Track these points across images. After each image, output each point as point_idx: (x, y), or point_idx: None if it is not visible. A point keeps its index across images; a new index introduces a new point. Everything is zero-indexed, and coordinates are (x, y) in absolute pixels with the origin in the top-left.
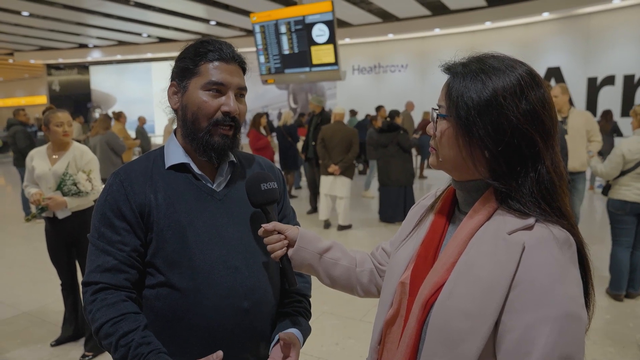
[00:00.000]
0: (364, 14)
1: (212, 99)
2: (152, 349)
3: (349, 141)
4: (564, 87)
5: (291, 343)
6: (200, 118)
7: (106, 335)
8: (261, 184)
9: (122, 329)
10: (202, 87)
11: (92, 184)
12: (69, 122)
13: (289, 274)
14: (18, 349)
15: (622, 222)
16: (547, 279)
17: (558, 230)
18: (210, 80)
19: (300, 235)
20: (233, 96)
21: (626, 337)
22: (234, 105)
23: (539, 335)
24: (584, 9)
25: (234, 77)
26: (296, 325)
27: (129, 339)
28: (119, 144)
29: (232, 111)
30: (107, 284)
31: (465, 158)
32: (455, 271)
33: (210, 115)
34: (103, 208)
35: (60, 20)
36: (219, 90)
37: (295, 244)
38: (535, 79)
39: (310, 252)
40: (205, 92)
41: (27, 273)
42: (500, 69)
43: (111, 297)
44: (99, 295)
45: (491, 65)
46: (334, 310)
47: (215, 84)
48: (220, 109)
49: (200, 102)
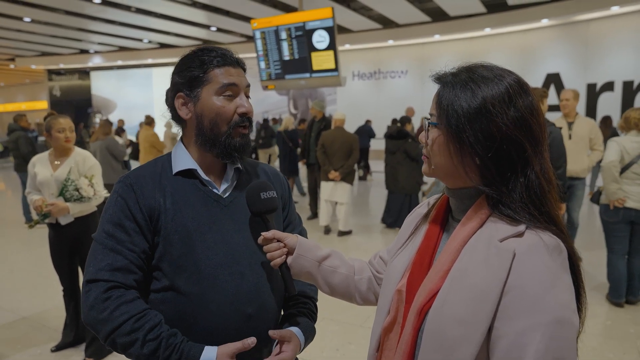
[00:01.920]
0: (364, 20)
1: (228, 103)
2: (182, 339)
3: (349, 147)
4: (576, 93)
5: (284, 340)
6: (220, 123)
7: (130, 332)
8: (261, 192)
9: (148, 323)
10: (217, 92)
11: (95, 189)
12: (71, 127)
13: (288, 282)
14: (18, 354)
15: (616, 229)
16: (538, 286)
17: (548, 237)
18: (224, 83)
19: (299, 243)
20: (244, 96)
21: (626, 343)
22: (249, 105)
23: (531, 341)
24: (582, 16)
25: (242, 78)
26: (297, 324)
27: (157, 332)
28: (119, 149)
29: (249, 111)
30: (119, 283)
31: (457, 165)
32: (449, 278)
33: (229, 119)
34: (114, 208)
35: (61, 26)
36: (232, 92)
37: (294, 252)
38: (524, 87)
39: (309, 259)
40: (220, 97)
41: (27, 278)
42: (489, 78)
43: (127, 294)
44: (112, 292)
45: (480, 75)
46: (334, 316)
47: (229, 86)
48: (236, 112)
49: (218, 108)
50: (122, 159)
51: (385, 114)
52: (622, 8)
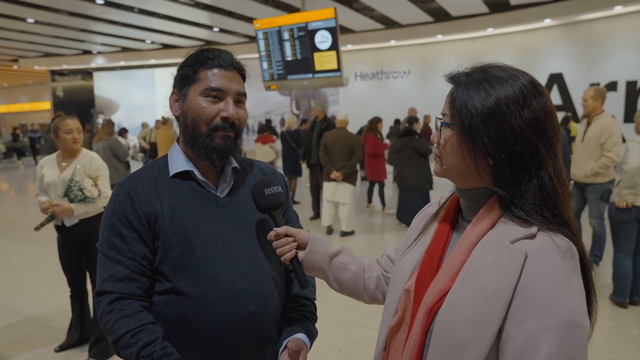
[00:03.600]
0: (367, 21)
1: (211, 105)
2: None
3: (351, 147)
4: (598, 91)
5: (299, 350)
6: (200, 123)
7: (126, 346)
8: (265, 189)
9: (142, 340)
10: (201, 94)
11: (100, 189)
12: (78, 129)
13: (300, 276)
14: (22, 354)
15: (626, 228)
16: (550, 288)
17: (560, 240)
18: (209, 87)
19: (312, 238)
20: (232, 102)
21: (631, 344)
22: (233, 111)
23: (542, 343)
24: (585, 16)
25: (232, 83)
26: (303, 330)
27: (150, 350)
28: (122, 150)
29: (231, 116)
30: (123, 294)
31: (469, 165)
32: (459, 279)
33: (209, 121)
34: (111, 218)
35: (64, 27)
36: (218, 96)
37: (307, 247)
38: (538, 88)
39: (322, 255)
40: (204, 99)
41: (31, 278)
42: (504, 78)
43: (128, 307)
44: (115, 305)
45: (494, 75)
46: (337, 317)
47: (214, 90)
48: (219, 115)
49: (199, 108)
50: (125, 160)
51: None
52: (625, 8)
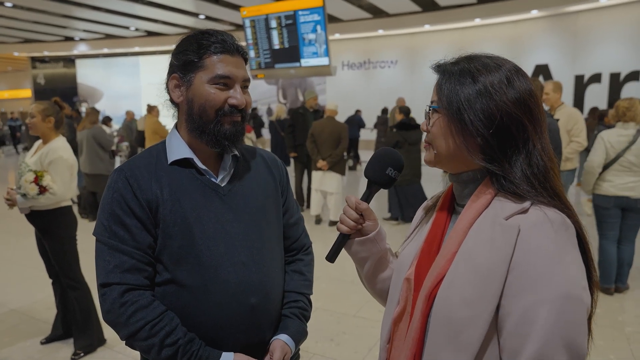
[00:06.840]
0: (354, 10)
1: (220, 92)
2: (199, 345)
3: (337, 136)
4: (556, 85)
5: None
6: (208, 110)
7: (146, 337)
8: (388, 168)
9: (164, 329)
10: (209, 81)
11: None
12: (33, 112)
13: (335, 251)
14: (7, 347)
15: (608, 215)
16: (543, 261)
17: (553, 213)
18: (217, 74)
19: (379, 229)
20: (239, 89)
21: (616, 331)
22: (241, 98)
23: (537, 317)
24: (571, 7)
25: (239, 69)
26: (287, 331)
27: (174, 338)
28: (106, 138)
29: (240, 104)
30: (132, 285)
31: (459, 145)
32: (455, 261)
33: (217, 107)
34: (111, 206)
35: (45, 12)
36: (226, 83)
37: (372, 234)
38: (521, 73)
39: (378, 248)
40: (212, 86)
41: (16, 270)
42: (489, 65)
43: (142, 299)
44: (128, 297)
45: (480, 62)
46: (327, 307)
47: (222, 78)
48: (227, 102)
49: (208, 94)
50: (109, 149)
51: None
52: (610, 0)
